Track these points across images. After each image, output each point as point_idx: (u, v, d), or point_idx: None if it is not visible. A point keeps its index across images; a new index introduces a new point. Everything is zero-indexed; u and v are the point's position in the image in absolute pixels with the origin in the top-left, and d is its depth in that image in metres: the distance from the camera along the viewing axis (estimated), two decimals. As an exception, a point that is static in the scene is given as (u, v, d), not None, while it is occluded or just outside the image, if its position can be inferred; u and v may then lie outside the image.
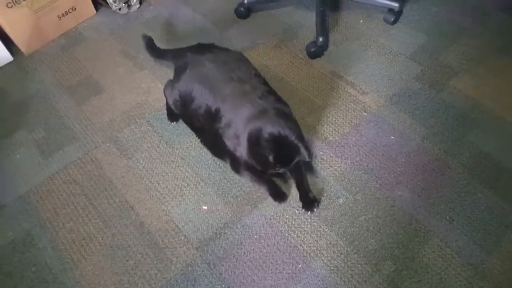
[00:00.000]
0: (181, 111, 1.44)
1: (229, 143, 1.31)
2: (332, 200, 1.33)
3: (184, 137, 1.51)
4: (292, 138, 1.22)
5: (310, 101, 1.60)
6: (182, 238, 1.28)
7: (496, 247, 1.22)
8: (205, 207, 1.35)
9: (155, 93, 1.65)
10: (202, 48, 1.50)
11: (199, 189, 1.39)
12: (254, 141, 1.23)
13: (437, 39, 1.77)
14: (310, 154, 1.25)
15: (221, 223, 1.31)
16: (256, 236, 1.28)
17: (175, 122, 1.55)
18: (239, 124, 1.27)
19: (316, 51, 1.74)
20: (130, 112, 1.61)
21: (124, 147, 1.51)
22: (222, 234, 1.29)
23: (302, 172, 1.36)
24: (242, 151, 1.28)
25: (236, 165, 1.35)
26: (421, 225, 1.27)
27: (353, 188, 1.36)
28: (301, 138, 1.24)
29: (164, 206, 1.35)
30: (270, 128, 1.21)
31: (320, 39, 1.73)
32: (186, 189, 1.39)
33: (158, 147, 1.50)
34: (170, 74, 1.55)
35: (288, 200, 1.34)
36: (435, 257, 1.21)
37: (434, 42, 1.76)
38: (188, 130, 1.50)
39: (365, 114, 1.55)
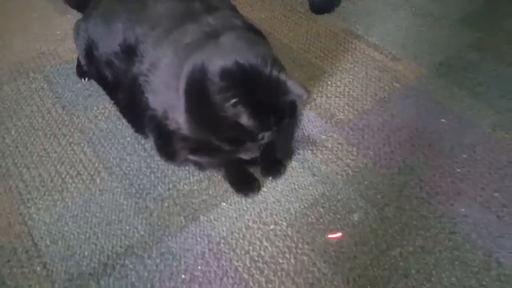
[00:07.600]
0: (89, 58, 0.86)
1: (155, 99, 0.72)
2: (342, 216, 0.72)
3: (95, 101, 0.93)
4: (269, 69, 0.63)
5: (311, 64, 1.04)
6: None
7: None
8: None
9: (70, 42, 1.08)
10: None
11: (96, 182, 0.78)
12: (199, 90, 0.64)
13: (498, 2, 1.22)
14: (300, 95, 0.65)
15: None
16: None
17: (86, 79, 0.97)
18: (173, 61, 0.69)
19: (322, 5, 1.21)
20: (25, 63, 1.07)
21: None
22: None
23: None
24: (179, 116, 0.68)
25: (168, 143, 0.75)
26: (502, 269, 0.65)
27: (379, 198, 0.74)
28: (281, 66, 0.66)
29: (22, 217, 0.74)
30: (227, 58, 0.62)
31: (331, -10, 1.19)
32: (74, 182, 0.78)
33: (49, 112, 0.91)
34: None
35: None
36: None
37: (494, 6, 1.20)
38: (102, 92, 0.91)
39: (398, 85, 0.97)
